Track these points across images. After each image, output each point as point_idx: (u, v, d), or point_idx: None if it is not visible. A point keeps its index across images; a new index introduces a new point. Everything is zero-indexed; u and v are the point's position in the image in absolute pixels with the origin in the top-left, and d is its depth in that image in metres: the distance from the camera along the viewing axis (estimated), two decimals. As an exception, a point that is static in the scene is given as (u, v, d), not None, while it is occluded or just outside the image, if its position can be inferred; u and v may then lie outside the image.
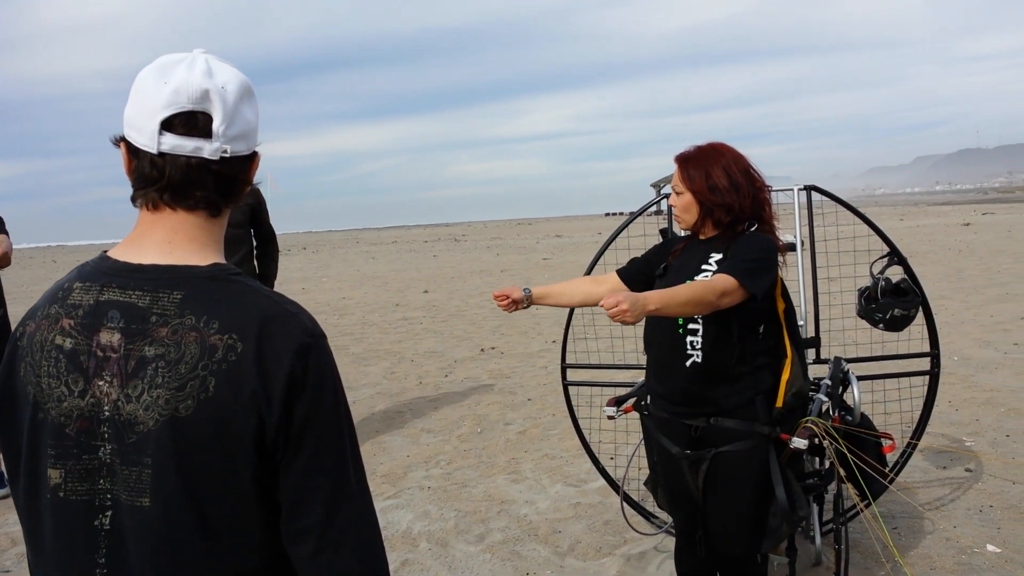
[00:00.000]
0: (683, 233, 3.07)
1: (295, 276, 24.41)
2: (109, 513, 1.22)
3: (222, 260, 1.32)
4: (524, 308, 3.07)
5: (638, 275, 3.06)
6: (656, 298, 2.40)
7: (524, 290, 3.04)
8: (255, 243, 5.70)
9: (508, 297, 3.00)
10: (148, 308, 1.22)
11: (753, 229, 2.79)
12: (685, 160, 2.83)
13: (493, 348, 10.45)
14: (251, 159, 1.34)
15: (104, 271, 1.27)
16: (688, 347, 2.75)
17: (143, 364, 1.20)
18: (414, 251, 39.10)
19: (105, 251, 1.31)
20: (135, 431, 1.19)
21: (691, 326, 2.74)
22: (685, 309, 2.50)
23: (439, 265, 27.77)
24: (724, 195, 2.73)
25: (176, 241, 1.28)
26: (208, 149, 1.24)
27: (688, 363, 2.76)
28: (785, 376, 2.79)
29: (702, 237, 2.88)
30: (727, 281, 2.54)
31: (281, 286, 5.04)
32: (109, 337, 1.22)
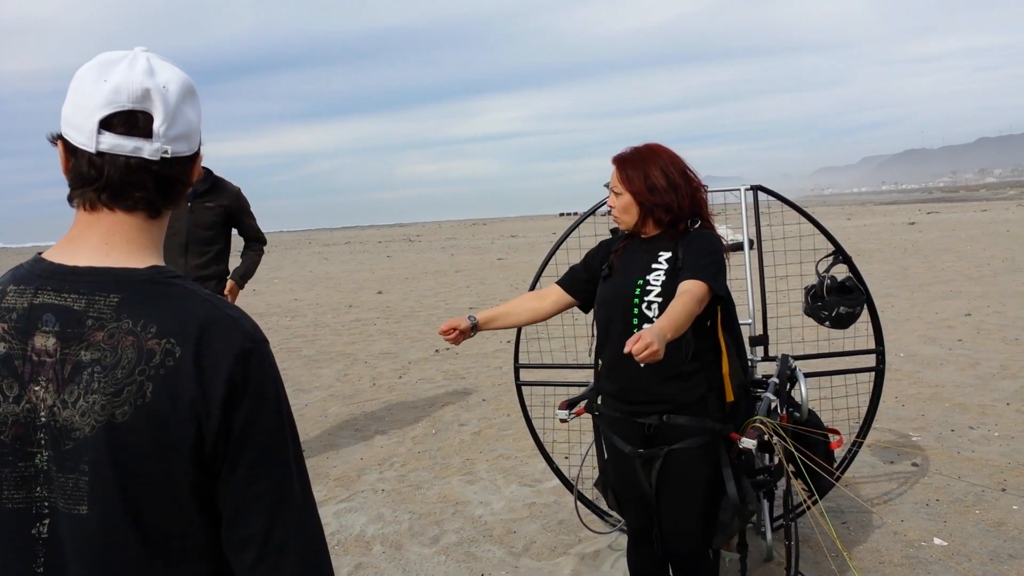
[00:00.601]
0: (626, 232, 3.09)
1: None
2: (47, 521, 1.19)
3: (161, 262, 1.29)
4: (472, 337, 3.10)
5: (580, 283, 3.08)
6: (669, 324, 2.47)
7: (469, 318, 3.06)
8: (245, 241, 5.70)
9: (455, 329, 3.01)
10: (84, 311, 1.19)
11: (697, 226, 2.83)
12: (622, 161, 2.86)
13: (447, 349, 10.42)
14: (192, 160, 1.32)
15: (38, 273, 1.24)
16: None
17: (79, 369, 1.17)
18: (368, 252, 38.85)
19: (40, 253, 1.28)
20: (71, 437, 1.17)
21: (646, 326, 2.76)
22: (687, 324, 2.56)
23: (393, 266, 27.62)
24: (663, 195, 2.76)
25: (113, 242, 1.25)
26: (148, 149, 1.22)
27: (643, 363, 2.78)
28: (725, 369, 2.83)
29: (644, 236, 2.90)
30: (702, 287, 2.61)
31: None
32: (44, 341, 1.19)
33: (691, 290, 2.61)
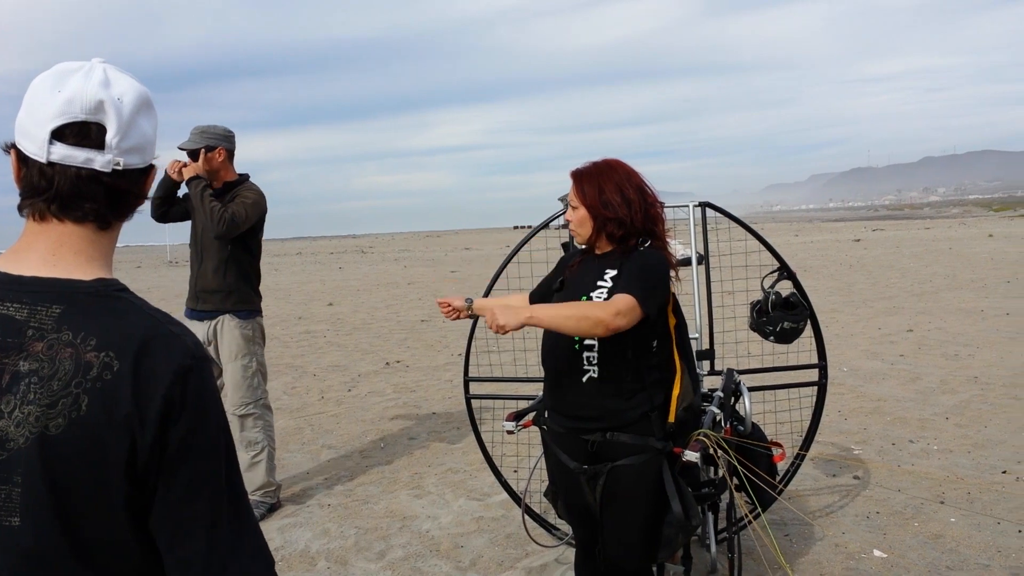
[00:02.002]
0: (583, 247, 3.11)
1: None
2: None
3: (109, 275, 1.28)
4: (467, 317, 3.21)
5: (546, 295, 3.10)
6: (543, 312, 2.55)
7: (467, 300, 3.18)
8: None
9: (450, 304, 3.15)
10: (25, 321, 1.17)
11: (647, 245, 2.85)
12: (580, 176, 2.88)
13: (398, 361, 10.37)
14: (146, 173, 1.31)
15: None
16: (584, 363, 2.79)
17: (17, 379, 1.15)
18: (319, 263, 38.53)
19: None
20: (6, 448, 1.14)
21: (587, 342, 2.78)
22: (568, 323, 2.54)
23: (345, 277, 27.44)
24: (616, 210, 2.79)
25: (61, 253, 1.24)
26: (100, 161, 1.21)
27: (584, 379, 2.79)
28: (676, 391, 2.85)
29: (598, 252, 2.93)
30: (626, 300, 2.58)
31: (176, 299, 4.89)
32: None
33: (613, 300, 2.60)
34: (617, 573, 2.96)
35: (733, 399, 3.52)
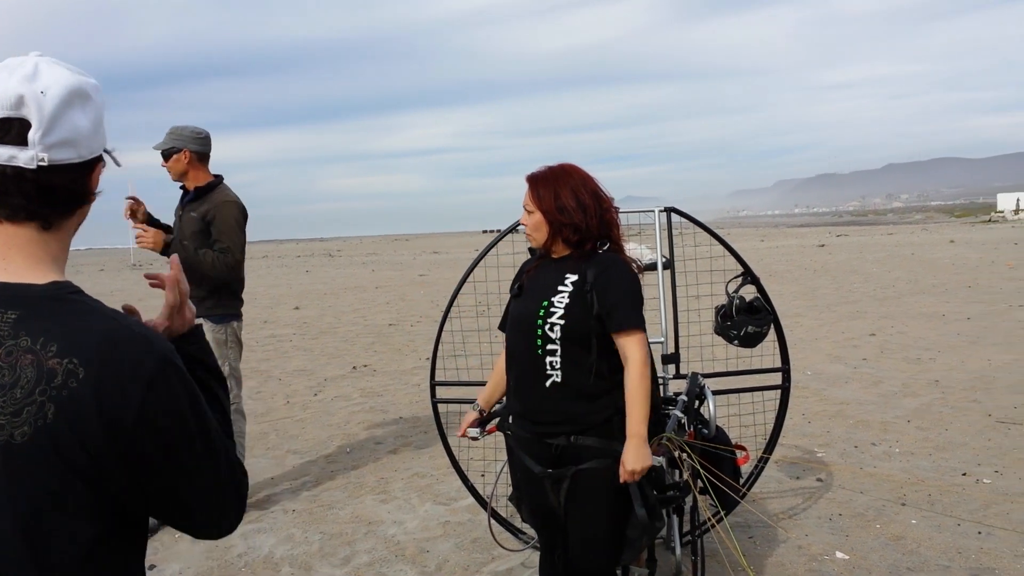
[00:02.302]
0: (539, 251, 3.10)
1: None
2: None
3: (62, 277, 1.25)
4: (486, 430, 3.28)
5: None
6: (636, 425, 2.70)
7: (474, 407, 3.26)
8: None
9: (470, 423, 3.23)
10: None
11: (605, 248, 2.86)
12: (535, 180, 2.89)
13: (365, 366, 10.32)
14: (86, 168, 1.27)
15: None
16: (548, 367, 2.79)
17: None
18: (286, 266, 38.24)
19: None
20: None
21: (549, 347, 2.78)
22: (646, 400, 2.73)
23: (311, 281, 27.26)
24: (572, 215, 2.80)
25: (10, 256, 1.21)
26: (23, 158, 1.18)
27: (548, 383, 2.79)
28: None
29: (555, 256, 2.93)
30: (637, 343, 2.75)
31: (141, 302, 4.78)
32: None
33: (636, 361, 2.74)
34: (581, 575, 2.96)
35: (697, 402, 3.54)
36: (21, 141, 1.18)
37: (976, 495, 4.92)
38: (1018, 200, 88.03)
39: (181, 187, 4.99)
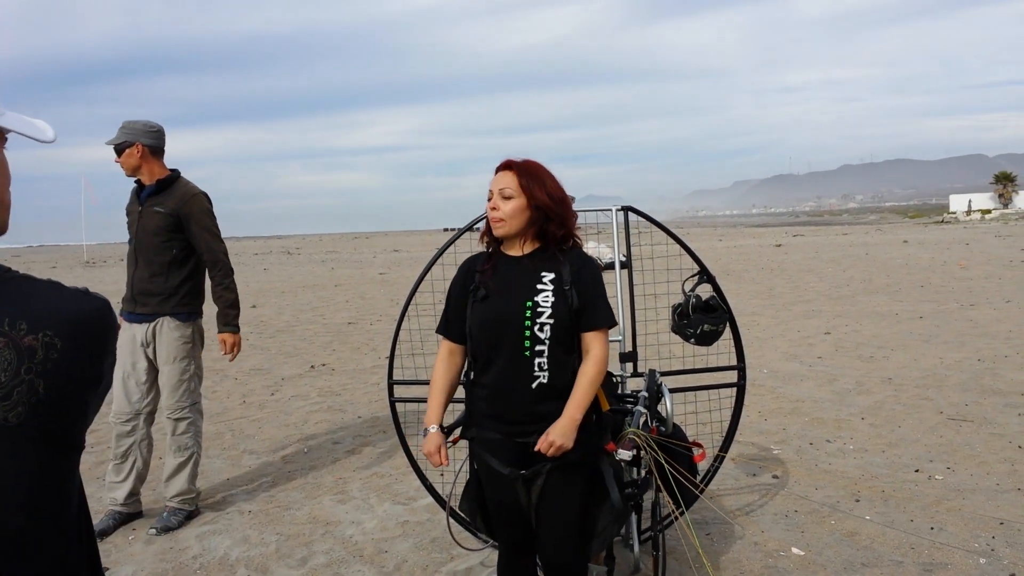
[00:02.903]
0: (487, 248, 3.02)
1: (111, 289, 23.02)
2: None
3: None
4: (450, 440, 3.05)
5: (459, 323, 2.96)
6: (575, 409, 2.72)
7: (437, 429, 2.94)
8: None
9: (438, 450, 2.91)
10: None
11: (571, 246, 2.87)
12: (520, 168, 2.84)
13: (324, 365, 10.23)
14: None
15: None
16: (536, 368, 2.75)
17: None
18: (243, 264, 37.79)
19: None
20: None
21: (538, 348, 2.74)
22: (592, 392, 2.77)
23: (269, 279, 26.98)
24: (560, 207, 2.81)
25: None
26: None
27: (534, 384, 2.76)
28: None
29: (513, 253, 2.88)
30: (605, 337, 2.82)
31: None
32: None
33: (596, 348, 2.78)
34: (553, 571, 2.95)
35: (655, 400, 3.55)
36: None
37: (928, 491, 5.00)
38: (970, 201, 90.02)
39: (136, 182, 4.89)
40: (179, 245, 4.78)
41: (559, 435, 2.68)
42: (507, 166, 2.86)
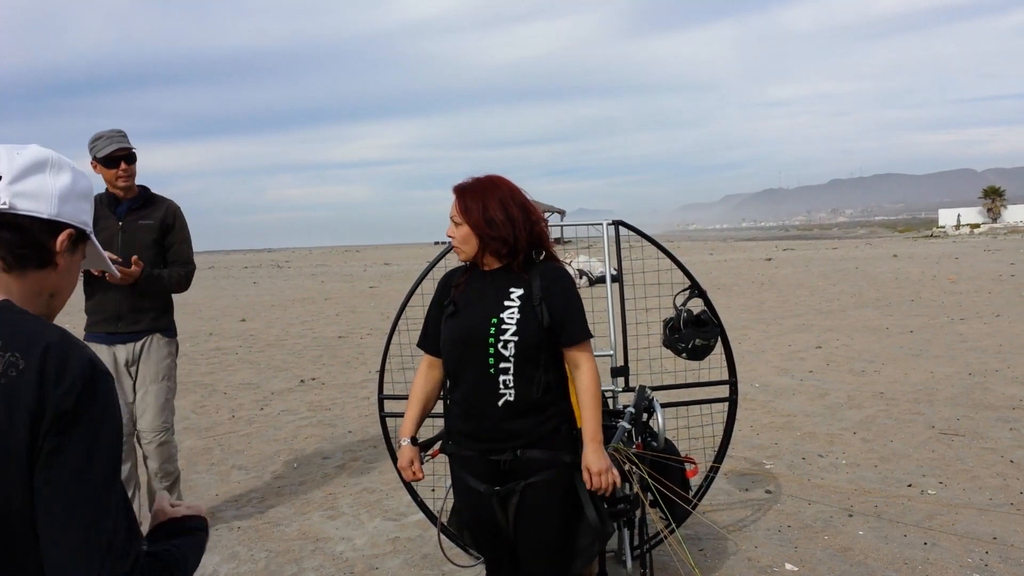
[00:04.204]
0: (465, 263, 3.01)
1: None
2: None
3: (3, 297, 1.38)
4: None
5: (436, 336, 2.95)
6: (593, 430, 2.72)
7: (404, 442, 2.98)
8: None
9: (411, 464, 2.97)
10: None
11: (542, 258, 2.85)
12: (463, 191, 2.80)
13: (314, 379, 10.18)
14: (50, 227, 1.39)
15: None
16: (501, 386, 2.73)
17: None
18: (232, 277, 37.69)
19: None
20: None
21: (503, 365, 2.72)
22: (598, 407, 2.77)
23: (259, 292, 26.90)
24: (500, 228, 2.73)
25: None
26: None
27: (500, 402, 2.74)
28: (573, 397, 2.84)
29: (487, 268, 2.86)
30: (589, 350, 2.81)
31: (79, 315, 4.63)
32: None
33: (585, 364, 2.78)
34: None
35: (646, 415, 3.53)
36: None
37: (921, 506, 4.99)
38: (959, 216, 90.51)
39: (108, 196, 4.60)
40: (165, 258, 4.68)
41: (591, 462, 2.70)
42: (455, 189, 2.84)
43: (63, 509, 1.22)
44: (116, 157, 4.49)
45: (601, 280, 3.58)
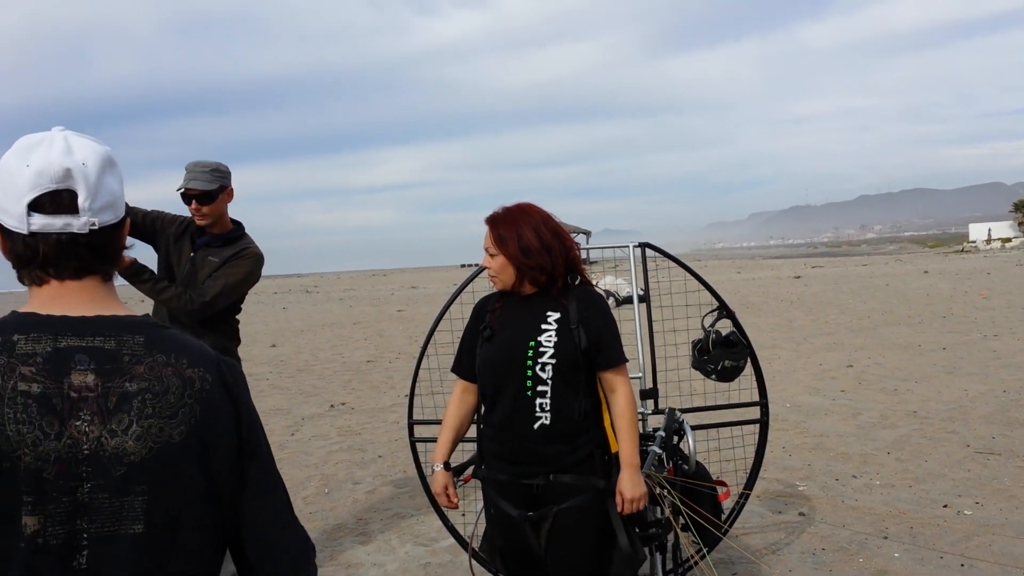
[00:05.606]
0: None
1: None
2: (85, 552, 1.25)
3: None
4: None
5: (470, 361, 2.97)
6: (630, 455, 2.76)
7: (442, 467, 3.01)
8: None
9: (445, 490, 3.01)
10: (117, 350, 1.31)
11: (578, 283, 2.87)
12: (495, 222, 2.85)
13: (343, 404, 10.22)
14: (120, 226, 1.42)
15: (42, 323, 1.31)
16: (537, 409, 2.75)
17: (126, 399, 1.29)
18: (262, 303, 37.96)
19: (15, 310, 1.36)
20: (123, 462, 1.27)
21: (540, 388, 2.74)
22: (635, 432, 2.83)
23: (288, 317, 27.07)
24: (537, 257, 2.77)
25: (96, 299, 1.38)
26: (76, 224, 1.32)
27: (536, 425, 2.75)
28: (607, 421, 2.85)
29: (523, 291, 2.87)
30: (625, 374, 2.86)
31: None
32: (82, 379, 1.28)
33: (625, 390, 2.83)
34: None
35: (677, 438, 3.52)
36: (72, 210, 1.32)
37: (957, 527, 4.92)
38: (989, 230, 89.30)
39: (191, 225, 4.32)
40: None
41: (626, 488, 2.73)
42: (488, 220, 2.88)
43: (271, 491, 1.46)
44: (187, 196, 4.16)
45: (628, 301, 3.59)
